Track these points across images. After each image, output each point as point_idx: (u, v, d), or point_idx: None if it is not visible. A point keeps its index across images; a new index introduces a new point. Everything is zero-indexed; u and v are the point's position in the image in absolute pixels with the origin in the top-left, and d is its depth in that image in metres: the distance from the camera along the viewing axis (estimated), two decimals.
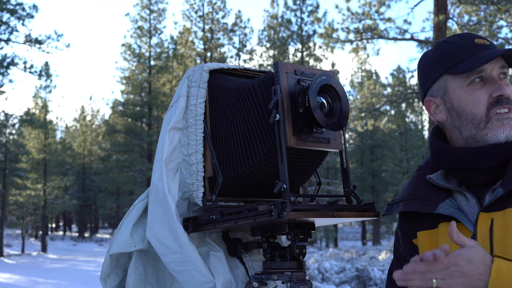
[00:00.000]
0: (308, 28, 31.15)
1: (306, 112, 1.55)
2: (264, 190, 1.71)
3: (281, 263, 1.69)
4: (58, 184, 36.94)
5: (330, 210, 1.61)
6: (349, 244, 39.35)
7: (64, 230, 54.86)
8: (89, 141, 47.77)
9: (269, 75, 1.63)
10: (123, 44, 32.82)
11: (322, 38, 16.01)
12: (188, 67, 27.99)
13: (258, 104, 1.63)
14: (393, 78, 34.87)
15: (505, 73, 1.48)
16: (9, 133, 33.67)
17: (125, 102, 33.62)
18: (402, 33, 15.79)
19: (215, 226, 1.66)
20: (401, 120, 38.11)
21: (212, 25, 29.47)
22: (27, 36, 24.16)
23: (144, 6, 32.43)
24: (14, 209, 37.29)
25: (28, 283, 16.22)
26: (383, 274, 13.60)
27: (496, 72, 1.46)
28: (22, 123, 27.83)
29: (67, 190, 44.31)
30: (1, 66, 23.77)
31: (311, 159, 1.70)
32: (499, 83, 1.45)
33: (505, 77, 1.48)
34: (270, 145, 1.59)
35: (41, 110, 36.15)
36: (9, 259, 26.95)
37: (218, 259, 1.76)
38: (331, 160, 36.93)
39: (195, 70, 1.76)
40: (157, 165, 1.73)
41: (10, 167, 31.54)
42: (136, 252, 1.85)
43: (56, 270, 20.69)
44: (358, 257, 21.42)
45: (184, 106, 1.74)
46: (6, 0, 23.71)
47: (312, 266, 14.79)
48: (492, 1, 14.42)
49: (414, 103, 37.30)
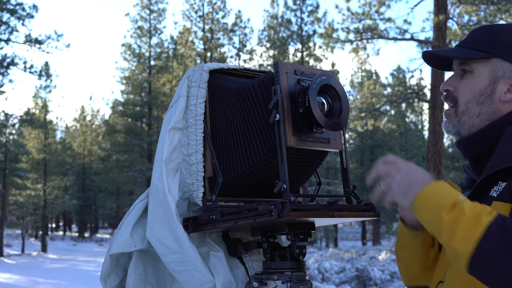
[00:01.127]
0: (308, 28, 31.17)
1: (306, 112, 1.55)
2: (264, 190, 1.71)
3: (281, 263, 1.69)
4: (58, 184, 36.95)
5: (330, 210, 1.61)
6: (349, 244, 39.35)
7: (64, 230, 54.87)
8: (89, 141, 47.77)
9: (269, 75, 1.63)
10: (123, 44, 32.84)
11: (322, 38, 16.01)
12: (188, 67, 27.99)
13: (258, 104, 1.63)
14: (393, 78, 34.87)
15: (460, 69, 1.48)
16: (9, 133, 33.69)
17: (125, 102, 33.63)
18: (402, 33, 15.79)
19: (215, 226, 1.66)
20: (401, 120, 38.13)
21: (212, 25, 29.47)
22: (27, 36, 24.17)
23: (144, 6, 32.44)
24: (14, 209, 37.29)
25: (28, 283, 16.23)
26: (383, 274, 13.60)
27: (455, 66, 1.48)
28: (22, 123, 27.85)
29: (67, 190, 44.31)
30: (1, 66, 23.77)
31: (311, 159, 1.70)
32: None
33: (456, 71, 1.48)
34: (270, 145, 1.59)
35: (41, 110, 36.16)
36: (9, 259, 26.95)
37: (218, 259, 1.76)
38: (331, 160, 36.94)
39: (195, 70, 1.76)
40: (157, 165, 1.73)
41: (10, 167, 31.55)
42: (136, 252, 1.85)
43: (56, 270, 20.70)
44: (358, 257, 21.42)
45: (184, 106, 1.74)
46: (6, 0, 23.72)
47: (312, 266, 14.80)
48: (492, 1, 14.43)
49: (414, 103, 37.31)
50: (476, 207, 1.21)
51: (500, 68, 1.39)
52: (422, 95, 20.40)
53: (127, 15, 32.60)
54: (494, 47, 1.40)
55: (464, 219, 1.19)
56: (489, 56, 1.40)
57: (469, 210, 1.20)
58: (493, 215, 1.18)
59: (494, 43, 1.41)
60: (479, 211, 1.20)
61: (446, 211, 1.22)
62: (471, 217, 1.19)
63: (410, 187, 1.30)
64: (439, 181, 1.29)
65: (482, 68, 1.41)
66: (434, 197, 1.25)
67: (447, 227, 1.21)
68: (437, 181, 1.28)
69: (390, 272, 13.85)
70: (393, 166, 1.34)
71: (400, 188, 1.31)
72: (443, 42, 14.31)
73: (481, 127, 1.41)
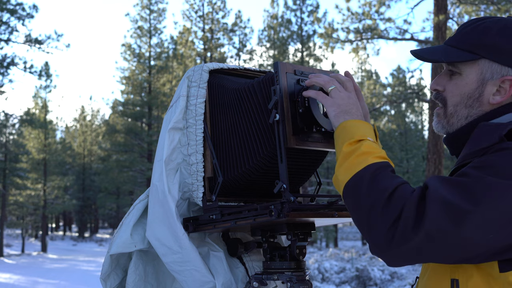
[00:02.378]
0: (308, 28, 31.15)
1: (306, 112, 1.55)
2: (264, 190, 1.71)
3: (281, 263, 1.70)
4: (58, 184, 36.92)
5: (330, 210, 1.61)
6: (349, 244, 39.34)
7: (64, 230, 54.85)
8: (89, 141, 47.77)
9: (269, 75, 1.63)
10: (123, 44, 32.84)
11: (322, 38, 16.02)
12: (188, 67, 27.98)
13: (258, 104, 1.63)
14: (393, 78, 34.90)
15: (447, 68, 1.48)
16: (9, 133, 33.70)
17: (125, 102, 33.63)
18: (402, 33, 15.80)
19: (215, 226, 1.66)
20: (401, 120, 38.11)
21: (212, 25, 29.46)
22: (27, 36, 24.17)
23: (144, 6, 32.44)
24: (14, 209, 37.29)
25: (28, 283, 16.22)
26: (383, 274, 13.60)
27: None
28: (22, 123, 27.84)
29: (67, 190, 44.30)
30: (1, 66, 23.77)
31: (310, 159, 1.70)
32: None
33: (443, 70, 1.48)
34: (270, 145, 1.59)
35: (41, 110, 36.14)
36: (9, 259, 26.94)
37: (218, 259, 1.76)
38: (331, 160, 36.90)
39: (195, 70, 1.76)
40: (157, 165, 1.73)
41: (10, 167, 31.54)
42: (136, 252, 1.85)
43: (56, 270, 20.69)
44: (358, 257, 21.42)
45: (184, 106, 1.74)
46: (6, 0, 23.71)
47: (312, 266, 14.80)
48: (492, 1, 14.43)
49: (414, 103, 37.34)
50: (373, 148, 1.31)
51: (488, 70, 1.36)
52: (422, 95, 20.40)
53: (127, 15, 32.60)
54: (481, 48, 1.37)
55: (356, 153, 1.30)
56: (477, 58, 1.37)
57: (365, 147, 1.31)
58: (378, 160, 1.28)
59: (481, 44, 1.37)
60: (372, 151, 1.30)
61: (349, 143, 1.33)
62: (361, 154, 1.30)
63: (345, 113, 1.40)
64: (366, 123, 1.38)
65: (470, 70, 1.38)
66: (352, 128, 1.36)
67: (342, 156, 1.33)
68: (365, 122, 1.39)
69: (390, 272, 13.85)
70: (347, 83, 1.47)
71: (337, 107, 1.41)
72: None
73: (463, 125, 1.41)
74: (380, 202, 1.20)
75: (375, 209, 1.20)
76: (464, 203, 1.13)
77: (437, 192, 1.16)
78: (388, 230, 1.17)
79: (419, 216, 1.14)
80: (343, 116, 1.39)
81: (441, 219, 1.13)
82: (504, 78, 1.34)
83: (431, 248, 1.15)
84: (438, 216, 1.13)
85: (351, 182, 1.27)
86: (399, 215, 1.16)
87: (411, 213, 1.15)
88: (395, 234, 1.16)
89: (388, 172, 1.26)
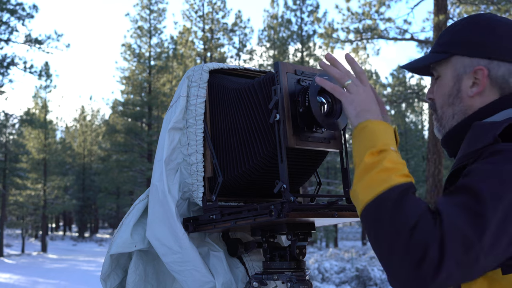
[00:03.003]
0: (308, 28, 31.16)
1: (306, 112, 1.55)
2: (264, 190, 1.71)
3: (281, 263, 1.70)
4: (58, 184, 36.91)
5: (330, 210, 1.61)
6: (349, 244, 39.34)
7: (64, 230, 54.84)
8: (89, 141, 47.76)
9: (269, 75, 1.63)
10: (123, 44, 32.84)
11: (322, 38, 16.01)
12: (188, 67, 27.98)
13: (258, 104, 1.63)
14: (393, 78, 34.89)
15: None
16: (9, 133, 33.69)
17: (125, 102, 33.63)
18: (402, 33, 15.80)
19: (215, 226, 1.66)
20: (401, 120, 38.13)
21: (212, 25, 29.46)
22: (27, 36, 24.17)
23: (144, 6, 32.44)
24: (14, 209, 37.29)
25: (28, 283, 16.22)
26: (383, 274, 13.60)
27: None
28: (22, 123, 27.84)
29: (67, 190, 44.30)
30: (1, 66, 23.77)
31: (311, 159, 1.70)
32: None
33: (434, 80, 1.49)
34: (270, 145, 1.59)
35: (41, 110, 36.14)
36: (9, 259, 26.94)
37: (218, 259, 1.76)
38: (331, 160, 36.90)
39: (195, 70, 1.76)
40: (157, 165, 1.73)
41: (10, 167, 31.54)
42: (137, 252, 1.85)
43: (56, 270, 20.69)
44: (358, 257, 21.42)
45: (184, 106, 1.74)
46: (6, 0, 23.71)
47: (312, 266, 14.80)
48: (492, 1, 14.43)
49: (414, 103, 37.31)
50: (396, 163, 1.23)
51: (460, 65, 1.38)
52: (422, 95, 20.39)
53: (127, 15, 32.60)
54: (452, 46, 1.40)
55: (379, 168, 1.22)
56: (448, 56, 1.40)
57: (388, 162, 1.22)
58: (402, 180, 1.20)
59: (452, 42, 1.40)
60: (395, 168, 1.22)
61: (371, 153, 1.25)
62: (384, 170, 1.21)
63: (366, 112, 1.33)
64: (387, 125, 1.32)
65: (445, 70, 1.41)
66: (374, 133, 1.28)
67: (363, 167, 1.24)
68: (386, 123, 1.32)
69: None
70: (362, 75, 1.40)
71: (357, 105, 1.34)
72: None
73: (455, 125, 1.43)
74: (404, 235, 1.13)
75: (398, 241, 1.13)
76: (476, 236, 1.11)
77: (453, 224, 1.12)
78: (413, 270, 1.11)
79: (441, 256, 1.10)
80: (364, 115, 1.32)
81: (461, 257, 1.11)
82: (476, 68, 1.36)
83: (451, 284, 1.14)
84: (459, 257, 1.11)
85: (373, 205, 1.19)
86: (424, 255, 1.10)
87: (435, 254, 1.10)
88: (420, 275, 1.11)
89: (411, 196, 1.19)
